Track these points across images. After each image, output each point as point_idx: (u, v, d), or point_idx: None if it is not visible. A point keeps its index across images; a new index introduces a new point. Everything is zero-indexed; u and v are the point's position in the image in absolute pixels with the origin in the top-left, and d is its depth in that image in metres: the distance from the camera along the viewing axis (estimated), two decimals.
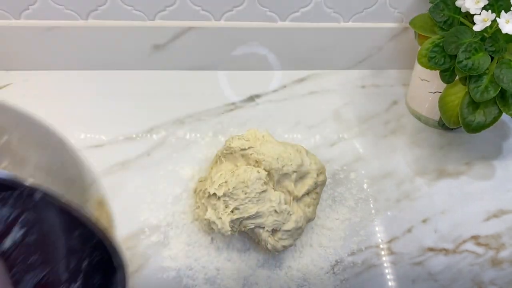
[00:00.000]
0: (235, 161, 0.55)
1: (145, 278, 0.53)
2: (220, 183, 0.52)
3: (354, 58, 0.77)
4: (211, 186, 0.52)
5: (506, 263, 0.56)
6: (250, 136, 0.55)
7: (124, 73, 0.76)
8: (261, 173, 0.52)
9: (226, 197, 0.51)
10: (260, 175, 0.51)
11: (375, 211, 0.60)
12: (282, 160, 0.52)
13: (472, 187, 0.63)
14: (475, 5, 0.54)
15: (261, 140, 0.55)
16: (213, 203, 0.52)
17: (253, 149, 0.53)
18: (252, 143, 0.54)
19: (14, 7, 0.66)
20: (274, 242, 0.52)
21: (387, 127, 0.70)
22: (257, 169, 0.52)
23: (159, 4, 0.67)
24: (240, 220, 0.52)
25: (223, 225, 0.51)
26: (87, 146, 0.65)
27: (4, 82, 0.73)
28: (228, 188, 0.51)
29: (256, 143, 0.54)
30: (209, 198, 0.53)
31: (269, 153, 0.53)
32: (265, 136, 0.56)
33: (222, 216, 0.51)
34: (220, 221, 0.51)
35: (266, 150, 0.53)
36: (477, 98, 0.53)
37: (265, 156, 0.53)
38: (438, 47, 0.56)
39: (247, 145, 0.54)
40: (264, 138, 0.55)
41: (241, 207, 0.51)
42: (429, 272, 0.55)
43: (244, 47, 0.74)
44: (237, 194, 0.51)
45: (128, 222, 0.57)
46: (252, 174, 0.51)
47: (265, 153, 0.53)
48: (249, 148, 0.53)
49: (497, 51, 0.53)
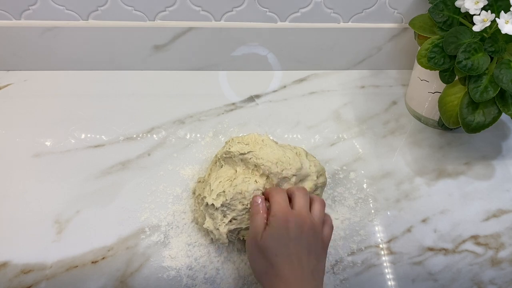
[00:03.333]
0: (235, 165, 0.55)
1: (145, 278, 0.53)
2: (219, 193, 0.52)
3: (354, 59, 0.77)
4: (209, 195, 0.52)
5: (505, 263, 0.56)
6: (249, 140, 0.55)
7: (124, 73, 0.76)
8: (259, 183, 0.52)
9: (224, 207, 0.51)
10: (258, 186, 0.52)
11: (374, 211, 0.60)
12: (281, 164, 0.53)
13: (472, 187, 0.63)
14: (475, 6, 0.54)
15: (260, 144, 0.55)
16: (211, 212, 0.53)
17: (253, 153, 0.54)
18: (252, 147, 0.54)
19: (14, 7, 0.66)
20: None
21: (387, 127, 0.70)
22: (255, 178, 0.52)
23: (159, 4, 0.67)
24: (237, 230, 0.53)
25: (221, 236, 0.52)
26: (87, 146, 0.65)
27: (4, 82, 0.73)
28: (225, 198, 0.51)
29: (256, 147, 0.54)
30: (207, 206, 0.53)
31: (268, 157, 0.53)
32: (264, 140, 0.56)
33: (220, 227, 0.52)
34: (217, 232, 0.52)
35: (265, 155, 0.53)
36: (477, 98, 0.53)
37: (264, 161, 0.53)
38: (438, 47, 0.56)
39: (247, 149, 0.54)
40: (264, 142, 0.55)
41: (238, 217, 0.52)
42: (429, 272, 0.55)
43: (244, 47, 0.74)
44: (234, 205, 0.51)
45: (128, 222, 0.57)
46: (249, 185, 0.51)
47: (264, 158, 0.53)
48: (248, 152, 0.54)
49: (496, 51, 0.53)
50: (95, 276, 0.53)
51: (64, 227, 0.56)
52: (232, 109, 0.72)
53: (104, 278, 0.52)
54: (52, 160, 0.63)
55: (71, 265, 0.53)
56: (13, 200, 0.59)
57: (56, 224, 0.56)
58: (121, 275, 0.53)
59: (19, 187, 0.60)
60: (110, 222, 0.57)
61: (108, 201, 0.59)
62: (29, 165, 0.63)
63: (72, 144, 0.65)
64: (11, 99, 0.71)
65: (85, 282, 0.52)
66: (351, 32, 0.72)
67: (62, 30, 0.69)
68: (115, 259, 0.54)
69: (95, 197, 0.59)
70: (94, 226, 0.57)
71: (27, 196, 0.59)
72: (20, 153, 0.64)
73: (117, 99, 0.72)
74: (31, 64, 0.74)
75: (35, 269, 0.53)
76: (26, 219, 0.57)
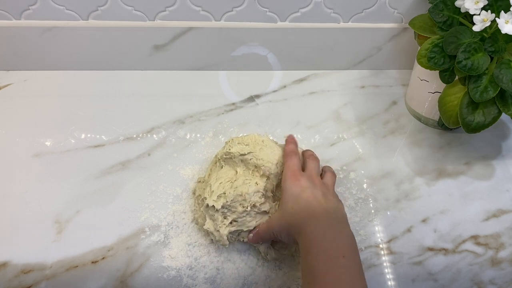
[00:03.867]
0: (235, 166, 0.55)
1: (145, 278, 0.53)
2: (219, 194, 0.52)
3: (354, 58, 0.77)
4: (210, 197, 0.52)
5: (505, 263, 0.56)
6: (250, 141, 0.56)
7: (124, 73, 0.76)
8: (260, 185, 0.52)
9: (225, 209, 0.51)
10: (258, 188, 0.52)
11: (374, 211, 0.60)
12: (282, 165, 0.53)
13: (472, 187, 0.63)
14: (475, 6, 0.54)
15: (260, 144, 0.55)
16: (212, 213, 0.53)
17: (253, 154, 0.54)
18: (252, 148, 0.54)
19: (14, 7, 0.66)
20: (274, 252, 0.53)
21: (387, 127, 0.70)
22: (256, 180, 0.52)
23: (159, 4, 0.67)
24: (238, 231, 0.53)
25: (221, 238, 0.52)
26: (87, 146, 0.65)
27: (4, 82, 0.73)
28: (226, 200, 0.51)
29: (256, 148, 0.54)
30: (208, 208, 0.53)
31: (269, 158, 0.53)
32: (265, 140, 0.56)
33: (220, 228, 0.52)
34: (218, 233, 0.52)
35: (265, 155, 0.53)
36: (477, 98, 0.53)
37: (264, 161, 0.53)
38: (438, 47, 0.56)
39: (247, 150, 0.54)
40: (264, 143, 0.55)
41: (239, 220, 0.52)
42: (429, 272, 0.55)
43: (244, 47, 0.74)
44: (235, 207, 0.51)
45: (128, 222, 0.57)
46: (250, 187, 0.51)
47: (264, 158, 0.53)
48: (248, 153, 0.54)
49: (496, 51, 0.53)
50: (95, 276, 0.53)
51: (64, 227, 0.56)
52: (232, 109, 0.72)
53: (104, 278, 0.52)
54: (52, 160, 0.63)
55: (71, 265, 0.53)
56: (13, 200, 0.59)
57: (56, 224, 0.56)
58: (121, 275, 0.53)
59: (19, 187, 0.60)
60: (110, 222, 0.57)
61: (108, 201, 0.59)
62: (29, 165, 0.63)
63: (72, 144, 0.65)
64: (11, 99, 0.71)
65: (85, 282, 0.52)
66: (351, 32, 0.72)
67: (62, 30, 0.69)
68: (115, 259, 0.54)
69: (95, 197, 0.59)
70: (94, 226, 0.57)
71: (27, 196, 0.59)
72: (20, 153, 0.64)
73: (117, 99, 0.72)
74: (31, 64, 0.74)
75: (35, 269, 0.53)
76: (26, 219, 0.57)
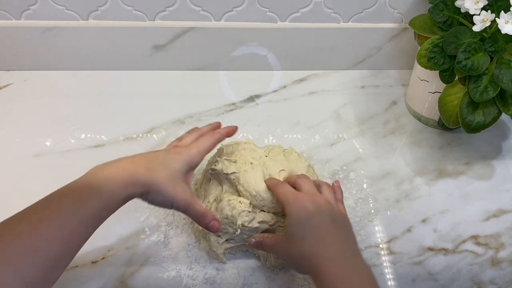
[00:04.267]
0: (221, 181, 0.54)
1: (145, 278, 0.53)
2: None
3: (354, 59, 0.77)
4: None
5: (505, 263, 0.56)
6: (238, 157, 0.52)
7: (124, 73, 0.76)
8: (244, 203, 0.50)
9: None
10: (243, 207, 0.50)
11: (374, 211, 0.60)
12: (261, 200, 0.50)
13: (472, 187, 0.63)
14: (475, 6, 0.54)
15: (248, 166, 0.51)
16: (204, 233, 0.53)
17: (236, 175, 0.51)
18: (238, 167, 0.51)
19: (14, 7, 0.66)
20: (274, 260, 0.52)
21: (387, 127, 0.70)
22: (239, 199, 0.50)
23: (159, 4, 0.67)
24: (235, 247, 0.53)
25: (217, 257, 0.52)
26: (87, 146, 0.65)
27: (4, 82, 0.73)
28: None
29: (241, 169, 0.51)
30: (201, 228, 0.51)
31: (249, 187, 0.50)
32: (254, 162, 0.52)
33: (215, 248, 0.52)
34: (214, 253, 0.52)
35: (246, 183, 0.50)
36: (477, 98, 0.53)
37: (243, 188, 0.50)
38: (438, 47, 0.56)
39: (231, 170, 0.51)
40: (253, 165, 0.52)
41: (233, 239, 0.52)
42: (429, 272, 0.55)
43: (244, 47, 0.74)
44: (226, 229, 0.51)
45: (128, 222, 0.57)
46: (234, 209, 0.49)
47: (244, 185, 0.50)
48: (232, 173, 0.51)
49: (496, 51, 0.53)
50: (95, 276, 0.53)
51: None
52: (232, 109, 0.72)
53: (104, 278, 0.52)
54: (52, 160, 0.63)
55: (71, 265, 0.53)
56: (13, 200, 0.59)
57: None
58: (121, 275, 0.53)
59: (19, 187, 0.60)
60: (110, 222, 0.57)
61: None
62: (29, 165, 0.63)
63: (72, 144, 0.65)
64: (11, 99, 0.71)
65: (85, 282, 0.52)
66: (351, 32, 0.72)
67: (62, 30, 0.69)
68: (115, 259, 0.54)
69: None
70: None
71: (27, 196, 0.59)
72: (20, 153, 0.64)
73: (117, 99, 0.72)
74: (31, 64, 0.74)
75: None
76: None
